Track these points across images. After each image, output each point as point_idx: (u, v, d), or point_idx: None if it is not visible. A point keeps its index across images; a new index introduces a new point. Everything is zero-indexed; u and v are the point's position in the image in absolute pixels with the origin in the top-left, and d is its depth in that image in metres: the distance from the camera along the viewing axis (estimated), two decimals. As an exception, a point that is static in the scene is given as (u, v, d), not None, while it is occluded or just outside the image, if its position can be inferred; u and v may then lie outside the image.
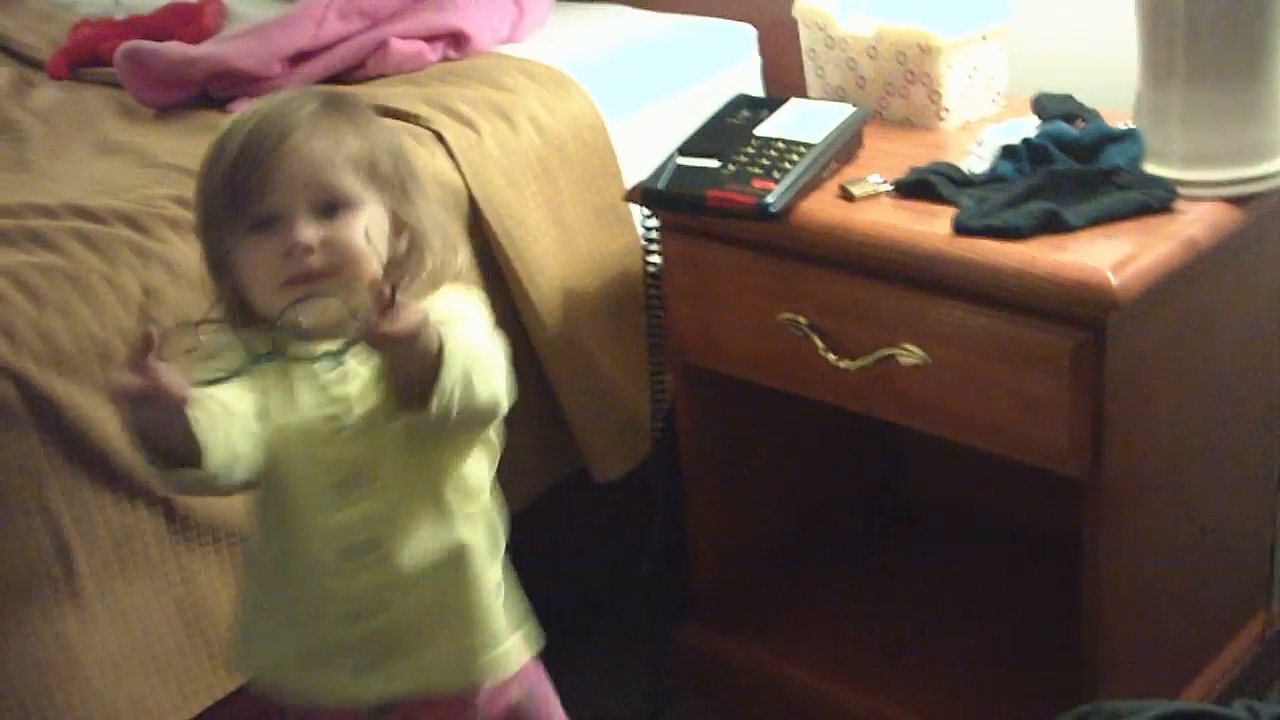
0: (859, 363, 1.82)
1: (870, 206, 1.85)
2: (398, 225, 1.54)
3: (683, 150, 1.97)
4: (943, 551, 2.34)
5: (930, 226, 1.77)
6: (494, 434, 1.58)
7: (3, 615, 1.70)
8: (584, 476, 2.20)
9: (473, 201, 2.05)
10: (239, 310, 1.52)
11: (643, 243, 2.07)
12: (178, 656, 1.83)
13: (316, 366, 1.50)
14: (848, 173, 1.93)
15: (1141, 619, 1.85)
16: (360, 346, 1.42)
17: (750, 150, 1.93)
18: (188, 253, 1.84)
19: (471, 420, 1.49)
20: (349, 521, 1.51)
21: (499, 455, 1.60)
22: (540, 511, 2.16)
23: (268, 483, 1.51)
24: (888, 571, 2.31)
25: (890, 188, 1.87)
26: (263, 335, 1.45)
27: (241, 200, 1.48)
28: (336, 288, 1.47)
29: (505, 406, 1.52)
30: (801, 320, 1.87)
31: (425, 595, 1.55)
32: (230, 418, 1.45)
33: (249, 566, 1.66)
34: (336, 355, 1.46)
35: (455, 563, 1.55)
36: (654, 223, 2.02)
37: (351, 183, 1.49)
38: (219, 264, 1.53)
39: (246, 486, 1.51)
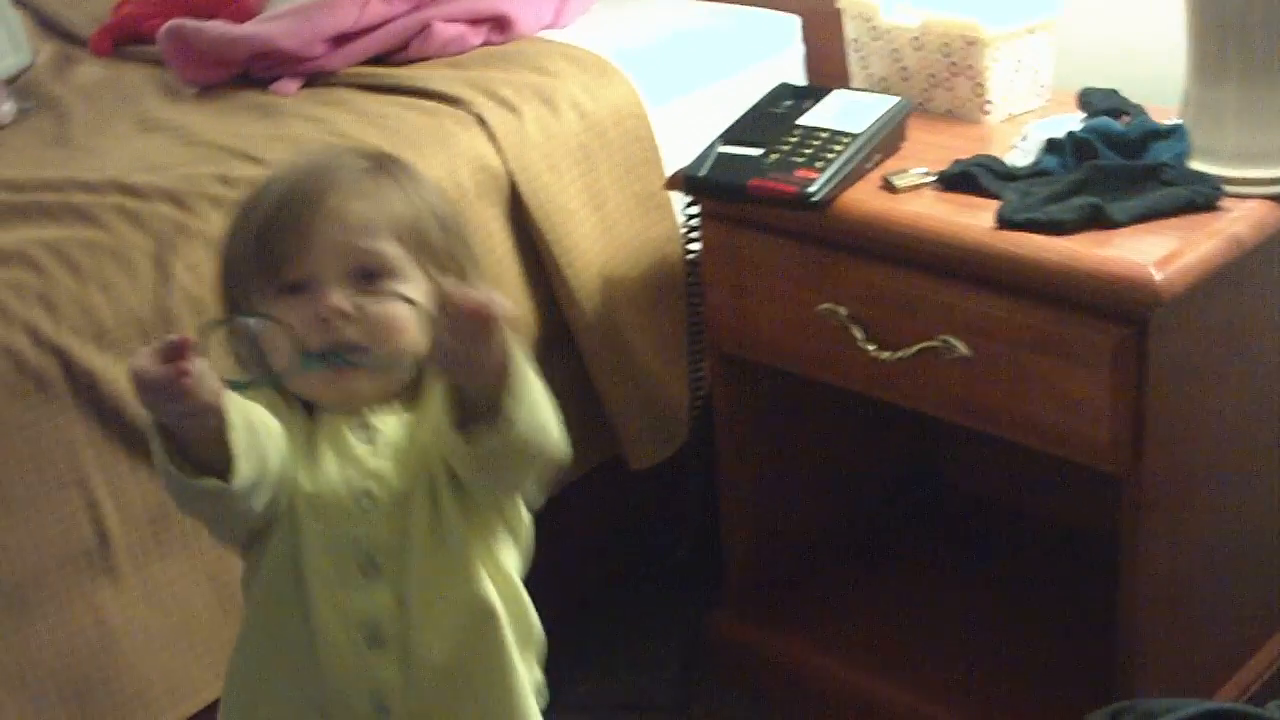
0: (898, 355, 1.82)
1: (913, 198, 1.85)
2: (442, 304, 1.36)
3: (725, 138, 1.97)
4: (977, 545, 2.33)
5: (973, 219, 1.77)
6: (525, 523, 1.49)
7: (39, 589, 1.71)
8: (619, 463, 2.19)
9: (513, 186, 2.05)
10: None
11: (683, 230, 2.07)
12: (212, 633, 1.84)
13: (348, 431, 1.39)
14: (890, 164, 1.93)
15: (1176, 618, 1.85)
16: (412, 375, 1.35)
17: (793, 139, 1.93)
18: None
19: (532, 455, 1.35)
20: (367, 607, 1.40)
21: (531, 552, 1.51)
22: (575, 497, 2.16)
23: (281, 551, 1.40)
24: (920, 564, 2.30)
25: (933, 180, 1.86)
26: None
27: (273, 262, 1.37)
28: (369, 373, 1.37)
29: (565, 453, 1.38)
30: (841, 311, 1.87)
31: (448, 692, 1.44)
32: (267, 431, 1.34)
33: (251, 631, 1.47)
34: (402, 367, 1.36)
35: (485, 655, 1.45)
36: (695, 210, 2.02)
37: (394, 250, 1.38)
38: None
39: (255, 529, 1.39)
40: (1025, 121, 2.00)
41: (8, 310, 1.71)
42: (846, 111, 1.96)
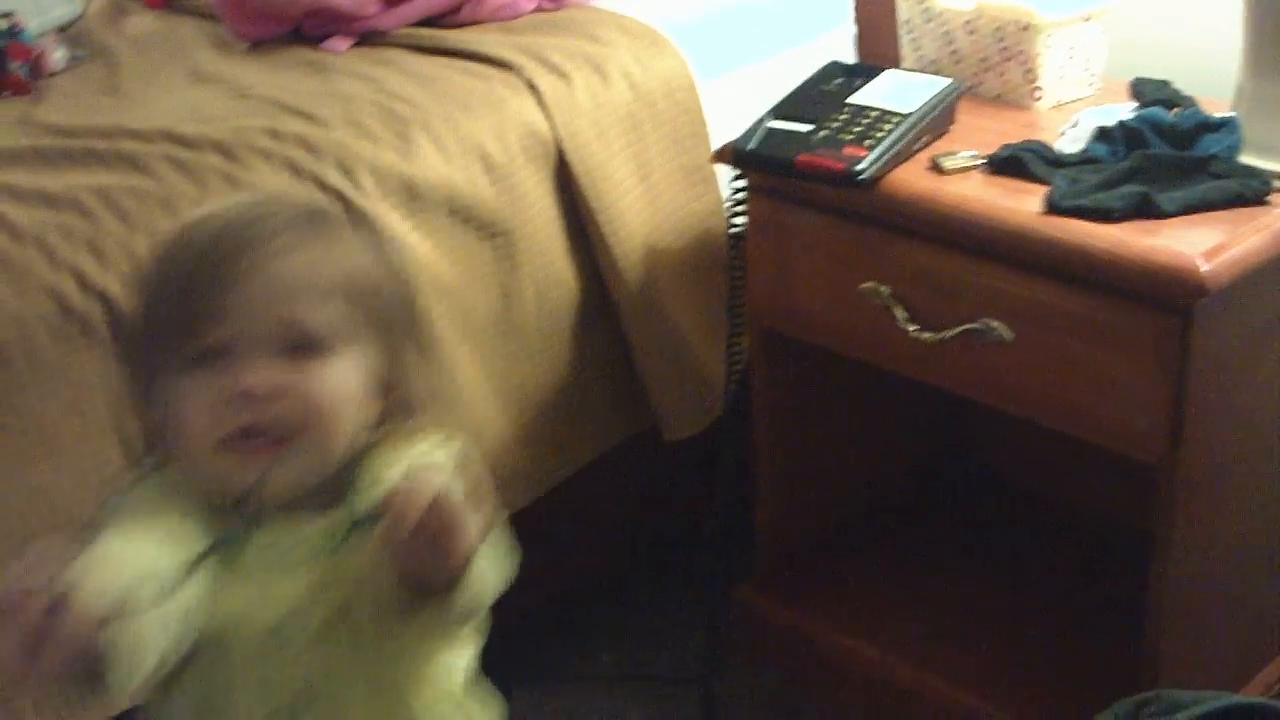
0: (939, 336, 1.81)
1: (960, 180, 1.84)
2: (382, 380, 1.25)
3: (774, 113, 1.96)
4: (1006, 530, 2.33)
5: (1020, 204, 1.76)
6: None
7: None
8: (653, 434, 2.20)
9: (560, 153, 2.05)
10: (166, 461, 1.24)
11: (728, 204, 2.07)
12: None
13: (263, 548, 1.22)
14: (939, 146, 1.92)
15: (1205, 610, 1.84)
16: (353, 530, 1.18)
17: (842, 117, 1.92)
18: (277, 185, 1.85)
19: (467, 618, 1.24)
20: None
21: (512, 571, 1.31)
22: (606, 468, 2.17)
23: (195, 692, 1.24)
24: (949, 547, 2.30)
25: (982, 163, 1.86)
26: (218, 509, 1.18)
27: (185, 325, 1.18)
28: (293, 454, 1.20)
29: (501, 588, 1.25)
30: (884, 290, 1.87)
31: None
32: (164, 615, 1.13)
33: None
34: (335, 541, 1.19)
35: None
36: (741, 184, 2.02)
37: (329, 318, 1.20)
38: (146, 399, 1.24)
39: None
40: (1075, 109, 1.99)
41: (55, 253, 1.73)
42: (897, 91, 1.96)
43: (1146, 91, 1.97)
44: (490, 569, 1.21)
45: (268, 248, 1.20)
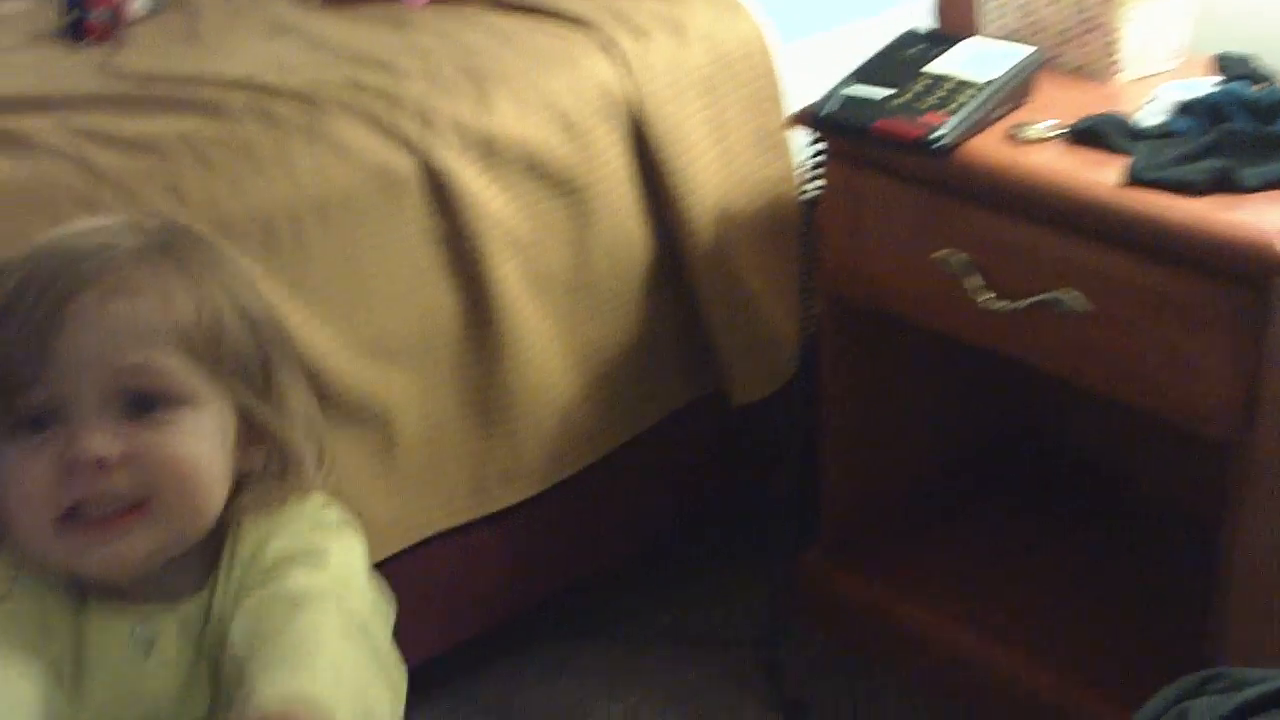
0: (1014, 306, 1.81)
1: (1039, 150, 1.83)
2: (252, 426, 1.09)
3: (852, 79, 1.95)
4: (1077, 504, 2.32)
5: (1099, 175, 1.75)
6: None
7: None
8: (719, 396, 2.20)
9: (637, 112, 2.05)
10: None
11: (802, 170, 2.06)
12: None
13: (120, 637, 1.07)
14: (1017, 116, 1.91)
15: (1274, 589, 1.83)
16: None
17: (921, 85, 1.91)
18: (357, 137, 1.86)
19: None
20: None
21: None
22: (672, 429, 2.18)
23: None
24: (1015, 520, 2.30)
25: (1061, 133, 1.85)
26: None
27: (4, 383, 1.02)
28: (147, 527, 1.04)
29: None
30: (958, 259, 1.86)
31: None
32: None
33: None
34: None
35: None
36: (816, 150, 2.01)
37: (178, 366, 1.04)
38: None
39: None
40: (1155, 83, 1.97)
41: (137, 197, 1.74)
42: (976, 60, 1.95)
43: (1230, 66, 1.95)
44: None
45: (100, 285, 1.02)
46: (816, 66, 2.16)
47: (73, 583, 1.09)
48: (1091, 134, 1.82)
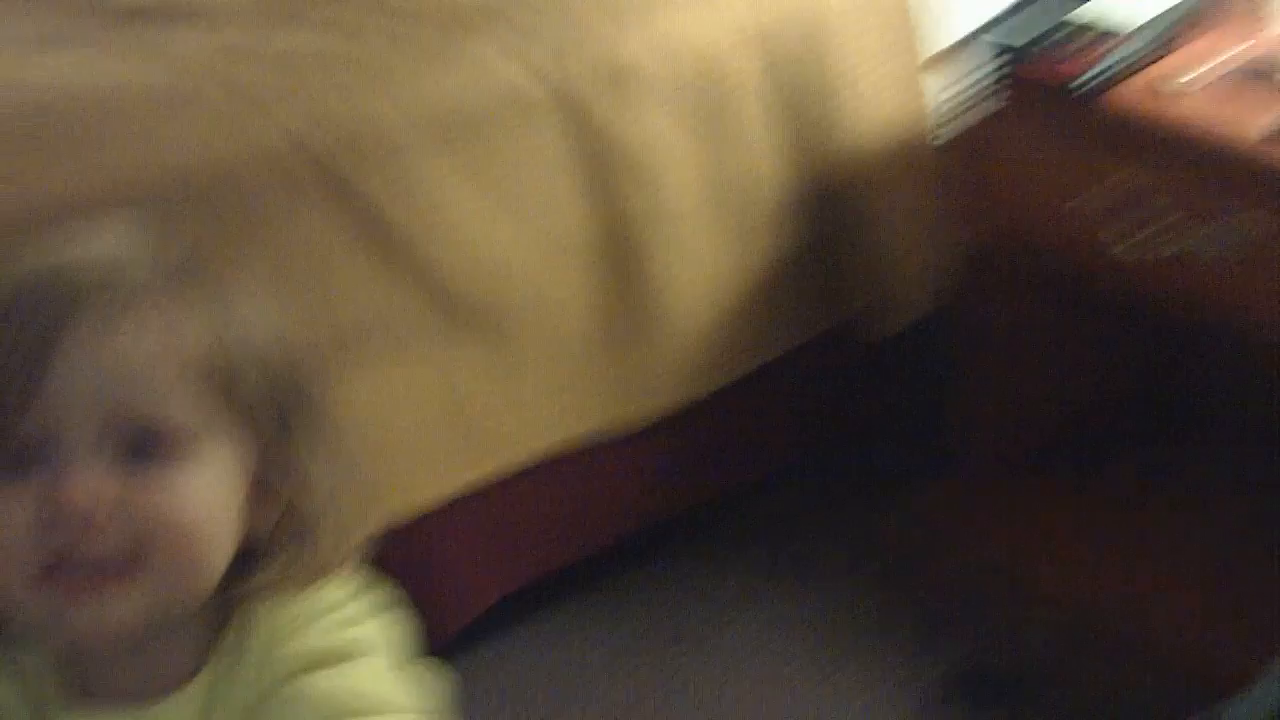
0: (1153, 255, 1.77)
1: (1184, 99, 1.79)
2: (264, 485, 0.94)
3: (995, 23, 1.93)
4: (1208, 466, 2.27)
5: (1245, 125, 1.71)
6: None
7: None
8: (844, 331, 2.20)
9: (771, 45, 2.03)
10: None
11: (942, 111, 2.04)
12: (436, 440, 1.88)
13: None
14: (1164, 64, 1.87)
15: None
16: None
17: (1067, 29, 1.88)
18: (490, 60, 1.86)
19: None
20: None
21: None
22: (805, 357, 2.17)
23: None
24: (1144, 478, 2.25)
25: (1208, 82, 1.81)
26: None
27: None
28: (138, 587, 0.89)
29: None
30: (1098, 207, 1.82)
31: None
32: None
33: None
34: None
35: None
36: (957, 91, 1.98)
37: (185, 406, 0.90)
38: None
39: None
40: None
41: (271, 113, 1.75)
42: (1124, 6, 1.91)
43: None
44: None
45: (101, 311, 0.89)
46: (958, 10, 2.13)
47: (32, 685, 0.96)
48: (1238, 84, 1.78)
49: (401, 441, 1.84)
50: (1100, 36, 1.86)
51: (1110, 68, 1.82)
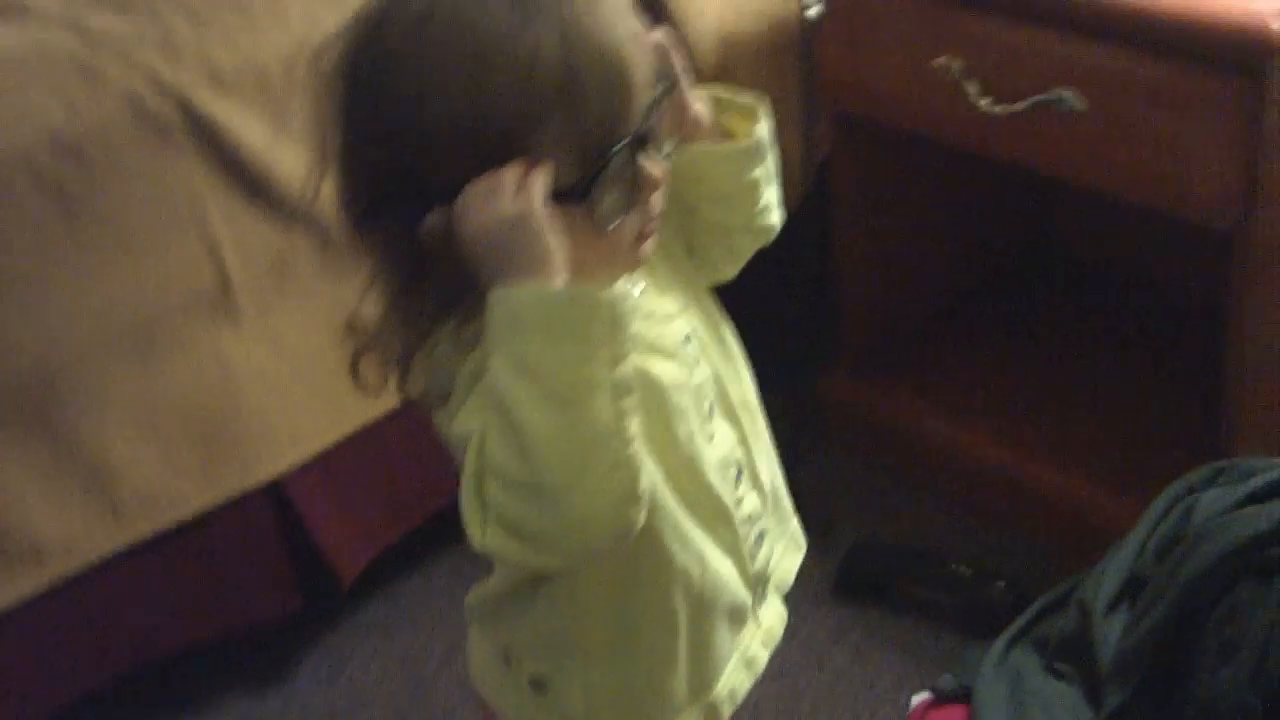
0: (1011, 109, 1.79)
1: (1033, -50, 1.81)
2: None
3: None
4: (1092, 308, 2.33)
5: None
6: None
7: (164, 332, 1.77)
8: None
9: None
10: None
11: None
12: (331, 379, 1.88)
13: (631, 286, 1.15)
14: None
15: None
16: None
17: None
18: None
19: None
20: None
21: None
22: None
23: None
24: (1032, 329, 2.31)
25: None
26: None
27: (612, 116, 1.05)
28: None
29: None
30: (956, 65, 1.84)
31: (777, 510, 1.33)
32: None
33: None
34: None
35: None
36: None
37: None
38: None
39: None
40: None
41: (130, 58, 1.75)
42: None
43: None
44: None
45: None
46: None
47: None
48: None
49: (293, 387, 1.86)
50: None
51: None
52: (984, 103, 1.82)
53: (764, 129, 1.24)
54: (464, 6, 1.03)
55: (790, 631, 1.36)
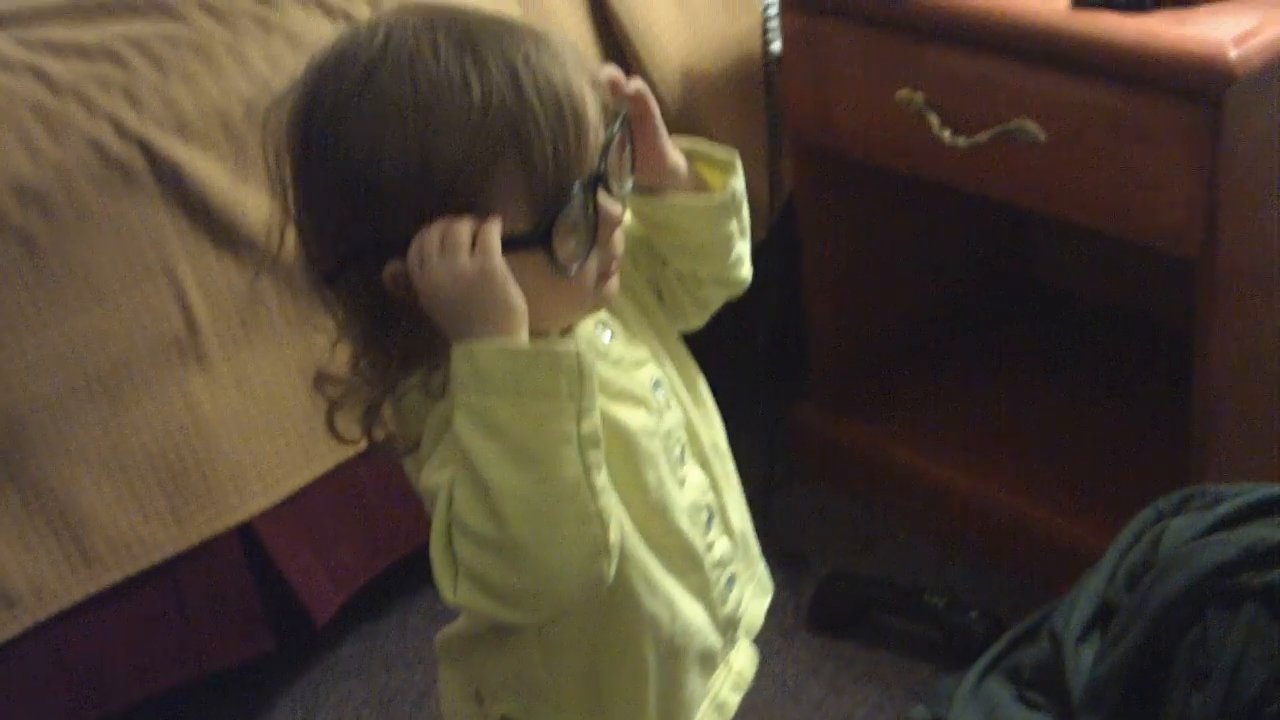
0: (973, 140, 1.80)
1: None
2: None
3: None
4: (1060, 336, 2.34)
5: (1047, 1, 1.74)
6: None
7: (132, 376, 1.76)
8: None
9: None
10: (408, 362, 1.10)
11: (763, 25, 2.05)
12: (301, 420, 1.89)
13: (596, 332, 1.18)
14: (971, -51, 1.90)
15: (1247, 404, 1.84)
16: None
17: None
18: (310, 26, 1.86)
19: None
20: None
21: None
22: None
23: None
24: (1001, 357, 2.32)
25: (1011, -36, 1.83)
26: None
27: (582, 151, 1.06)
28: None
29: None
30: (918, 97, 1.85)
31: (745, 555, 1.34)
32: None
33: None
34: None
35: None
36: (774, 1, 2.00)
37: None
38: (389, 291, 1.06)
39: None
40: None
41: (92, 103, 1.75)
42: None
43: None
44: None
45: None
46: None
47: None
48: (1043, -39, 1.80)
49: (263, 429, 1.85)
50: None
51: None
52: (946, 134, 1.83)
53: (739, 183, 1.25)
54: (413, 54, 1.03)
55: (764, 664, 1.36)
